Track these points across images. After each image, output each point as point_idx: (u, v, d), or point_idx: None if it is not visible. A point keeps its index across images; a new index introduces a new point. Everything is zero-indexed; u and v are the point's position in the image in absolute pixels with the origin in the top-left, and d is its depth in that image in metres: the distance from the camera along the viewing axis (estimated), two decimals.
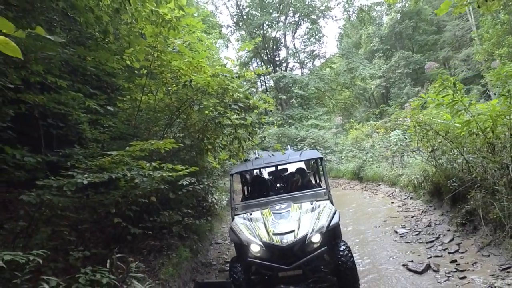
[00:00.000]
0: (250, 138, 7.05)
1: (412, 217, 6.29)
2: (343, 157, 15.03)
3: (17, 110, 4.32)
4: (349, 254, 3.92)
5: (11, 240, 3.63)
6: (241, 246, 4.13)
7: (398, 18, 32.33)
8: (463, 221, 4.77)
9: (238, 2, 27.37)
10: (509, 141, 4.52)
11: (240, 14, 27.62)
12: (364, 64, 25.10)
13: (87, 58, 4.92)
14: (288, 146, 13.00)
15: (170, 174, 3.83)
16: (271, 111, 9.35)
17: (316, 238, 3.89)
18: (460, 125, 5.19)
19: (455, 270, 3.91)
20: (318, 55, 29.07)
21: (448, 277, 3.80)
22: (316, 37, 28.77)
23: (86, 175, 3.38)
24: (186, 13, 5.80)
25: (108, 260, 3.12)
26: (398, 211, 6.99)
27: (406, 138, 8.91)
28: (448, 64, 31.05)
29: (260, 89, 30.42)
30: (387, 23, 32.83)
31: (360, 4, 27.89)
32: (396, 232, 5.69)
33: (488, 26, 20.65)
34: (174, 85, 6.40)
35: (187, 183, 4.62)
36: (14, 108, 4.05)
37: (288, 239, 3.84)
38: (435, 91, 5.47)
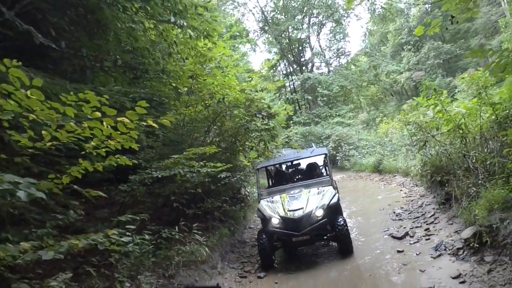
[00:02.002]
0: (273, 140, 8.58)
1: (412, 200, 7.43)
2: (366, 152, 16.03)
3: None
4: (345, 225, 5.29)
5: (107, 219, 5.40)
6: (265, 220, 5.66)
7: (427, 8, 31.76)
8: (443, 200, 5.92)
9: (263, 8, 28.85)
10: (478, 135, 5.63)
11: (265, 19, 29.04)
12: (386, 61, 25.51)
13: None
14: (313, 144, 14.25)
15: (213, 170, 5.45)
16: (292, 115, 10.65)
17: (319, 213, 5.31)
18: (443, 122, 6.36)
19: (425, 235, 5.12)
20: (344, 53, 29.75)
21: (418, 240, 5.04)
22: (341, 35, 29.49)
23: (158, 172, 5.09)
24: (218, 45, 7.45)
25: (177, 226, 4.80)
26: (403, 197, 8.13)
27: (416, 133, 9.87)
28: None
29: (288, 89, 31.72)
30: (414, 15, 32.47)
31: (381, 3, 28.03)
32: (394, 212, 6.91)
33: None
34: (210, 100, 8.08)
35: (225, 176, 6.22)
36: None
37: (298, 213, 5.29)
38: (422, 95, 6.65)
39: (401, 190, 9.01)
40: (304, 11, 28.14)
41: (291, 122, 24.00)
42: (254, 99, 7.97)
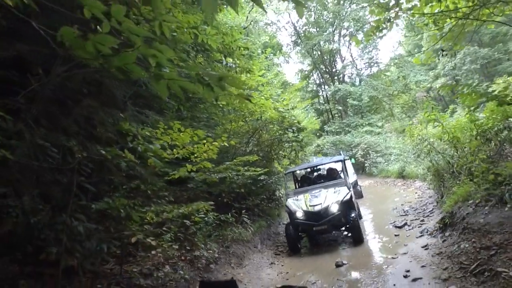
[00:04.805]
0: (302, 150, 10.32)
1: (421, 200, 8.74)
2: (392, 159, 17.06)
3: None
4: (356, 217, 6.83)
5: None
6: (291, 214, 7.33)
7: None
8: (440, 198, 7.28)
9: (295, 24, 30.71)
10: (468, 146, 6.97)
11: (297, 34, 30.84)
12: (414, 71, 26.08)
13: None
14: (341, 151, 15.69)
15: (254, 173, 7.31)
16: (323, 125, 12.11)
17: (334, 207, 6.90)
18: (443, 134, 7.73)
19: (419, 224, 6.57)
20: (375, 62, 30.65)
21: (413, 227, 6.50)
22: (372, 45, 30.45)
23: (215, 174, 7.04)
24: (255, 73, 9.37)
25: (229, 213, 6.71)
26: (415, 198, 9.43)
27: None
28: None
29: (321, 99, 33.16)
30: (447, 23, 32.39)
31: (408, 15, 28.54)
32: (403, 210, 8.30)
33: None
34: (250, 116, 10.01)
35: (263, 178, 8.05)
36: None
37: (318, 207, 6.93)
38: (424, 111, 8.08)
39: (416, 193, 10.27)
40: (335, 24, 29.52)
41: (324, 132, 25.43)
42: (286, 117, 9.80)
